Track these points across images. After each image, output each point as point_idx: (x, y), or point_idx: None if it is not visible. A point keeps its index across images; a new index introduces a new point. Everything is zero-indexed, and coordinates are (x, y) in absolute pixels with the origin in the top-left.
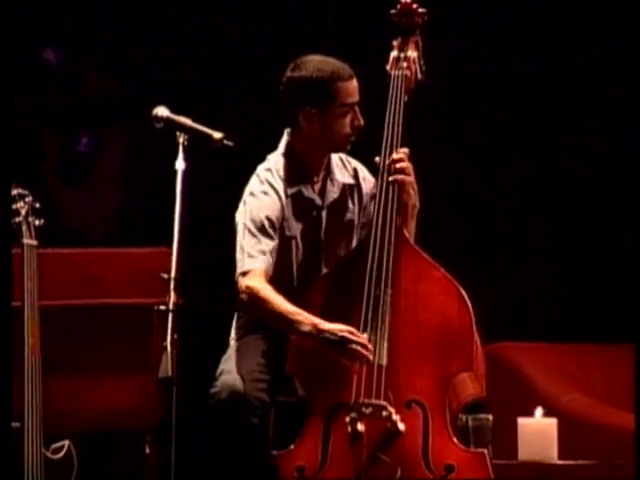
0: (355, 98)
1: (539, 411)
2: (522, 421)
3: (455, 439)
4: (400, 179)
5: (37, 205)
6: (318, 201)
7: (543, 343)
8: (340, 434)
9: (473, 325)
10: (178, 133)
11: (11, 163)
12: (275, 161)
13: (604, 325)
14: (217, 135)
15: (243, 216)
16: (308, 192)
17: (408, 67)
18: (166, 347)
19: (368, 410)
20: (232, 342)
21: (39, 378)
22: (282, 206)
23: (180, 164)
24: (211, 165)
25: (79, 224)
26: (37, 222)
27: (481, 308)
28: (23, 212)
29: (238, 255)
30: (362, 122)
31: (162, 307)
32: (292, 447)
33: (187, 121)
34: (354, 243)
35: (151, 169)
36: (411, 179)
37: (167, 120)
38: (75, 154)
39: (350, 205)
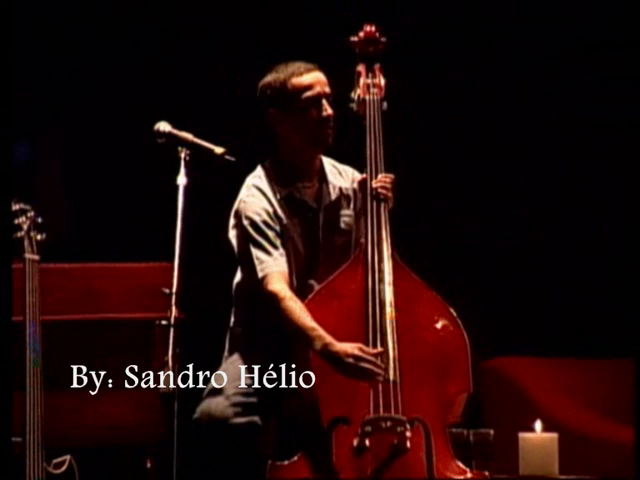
0: (314, 90)
1: (538, 424)
2: (523, 436)
3: (458, 461)
4: (382, 193)
5: (39, 220)
6: (313, 204)
7: (544, 358)
8: (344, 447)
9: (467, 347)
10: (180, 148)
11: (12, 178)
12: (263, 167)
13: (604, 339)
14: (219, 150)
15: (240, 225)
16: (300, 194)
17: (378, 93)
18: (167, 362)
19: (387, 424)
20: (225, 356)
21: (41, 393)
22: (273, 205)
23: (182, 179)
24: (213, 180)
25: None
26: (39, 237)
27: (481, 323)
28: (25, 227)
29: (244, 264)
30: (330, 112)
31: (164, 322)
32: (295, 459)
33: (189, 136)
34: (352, 246)
35: (153, 184)
36: (390, 195)
37: (169, 135)
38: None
39: (346, 209)
